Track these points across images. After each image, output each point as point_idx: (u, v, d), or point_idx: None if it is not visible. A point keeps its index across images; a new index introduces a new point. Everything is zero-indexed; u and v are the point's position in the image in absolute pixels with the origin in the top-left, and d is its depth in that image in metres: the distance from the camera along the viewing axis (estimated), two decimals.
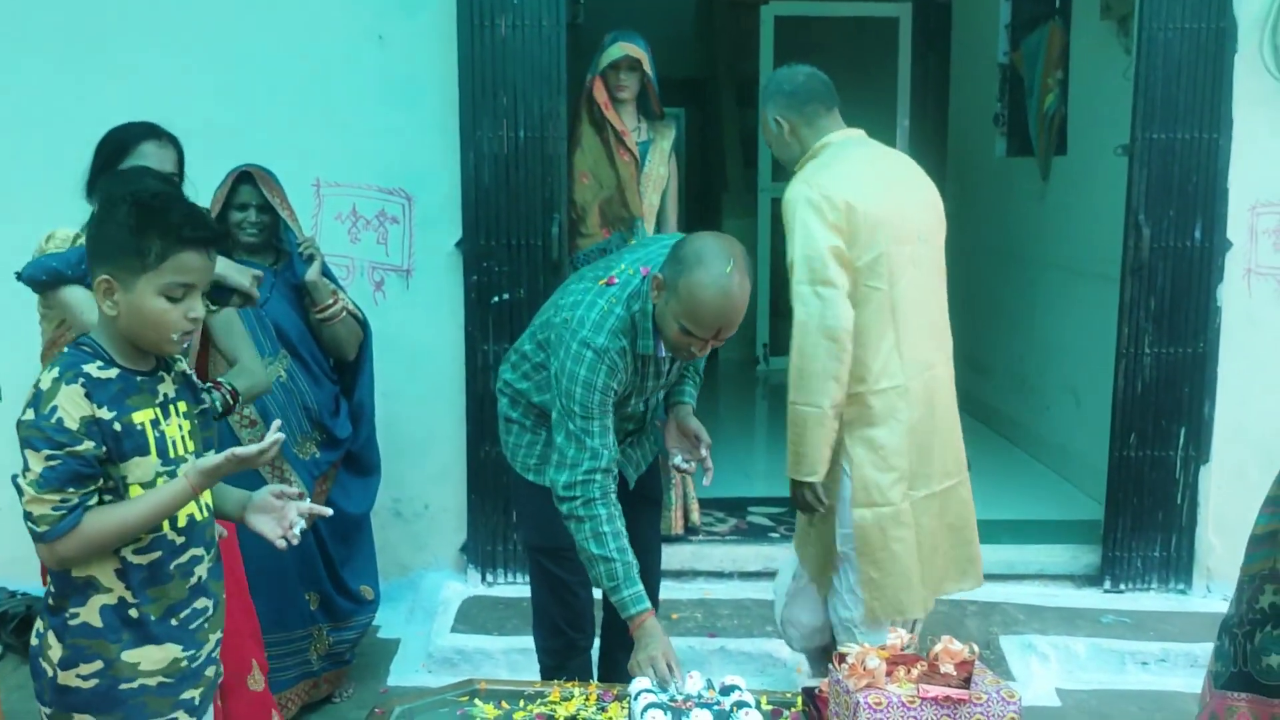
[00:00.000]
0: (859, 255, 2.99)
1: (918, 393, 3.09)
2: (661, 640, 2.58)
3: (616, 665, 3.06)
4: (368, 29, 4.24)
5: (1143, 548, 4.39)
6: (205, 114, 4.20)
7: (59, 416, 1.96)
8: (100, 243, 2.05)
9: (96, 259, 2.04)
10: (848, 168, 3.09)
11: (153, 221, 2.01)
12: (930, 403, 3.13)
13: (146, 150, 2.97)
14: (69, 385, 1.98)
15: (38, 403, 1.98)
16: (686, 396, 3.08)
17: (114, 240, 2.01)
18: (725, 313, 2.58)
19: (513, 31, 4.13)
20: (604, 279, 2.76)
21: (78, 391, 1.98)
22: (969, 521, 3.29)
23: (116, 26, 4.23)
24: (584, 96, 4.36)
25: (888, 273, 3.01)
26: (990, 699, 2.20)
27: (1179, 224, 4.22)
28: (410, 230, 4.32)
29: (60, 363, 2.01)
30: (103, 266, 2.02)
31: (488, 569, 4.38)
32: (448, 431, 4.34)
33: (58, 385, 1.98)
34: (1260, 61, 4.19)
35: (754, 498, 5.15)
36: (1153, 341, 4.28)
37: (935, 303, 3.20)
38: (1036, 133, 6.02)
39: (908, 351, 3.07)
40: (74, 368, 2.01)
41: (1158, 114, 4.18)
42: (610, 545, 2.67)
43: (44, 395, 1.98)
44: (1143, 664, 3.99)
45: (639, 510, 3.05)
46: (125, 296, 2.01)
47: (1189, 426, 4.32)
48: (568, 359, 2.68)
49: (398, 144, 4.26)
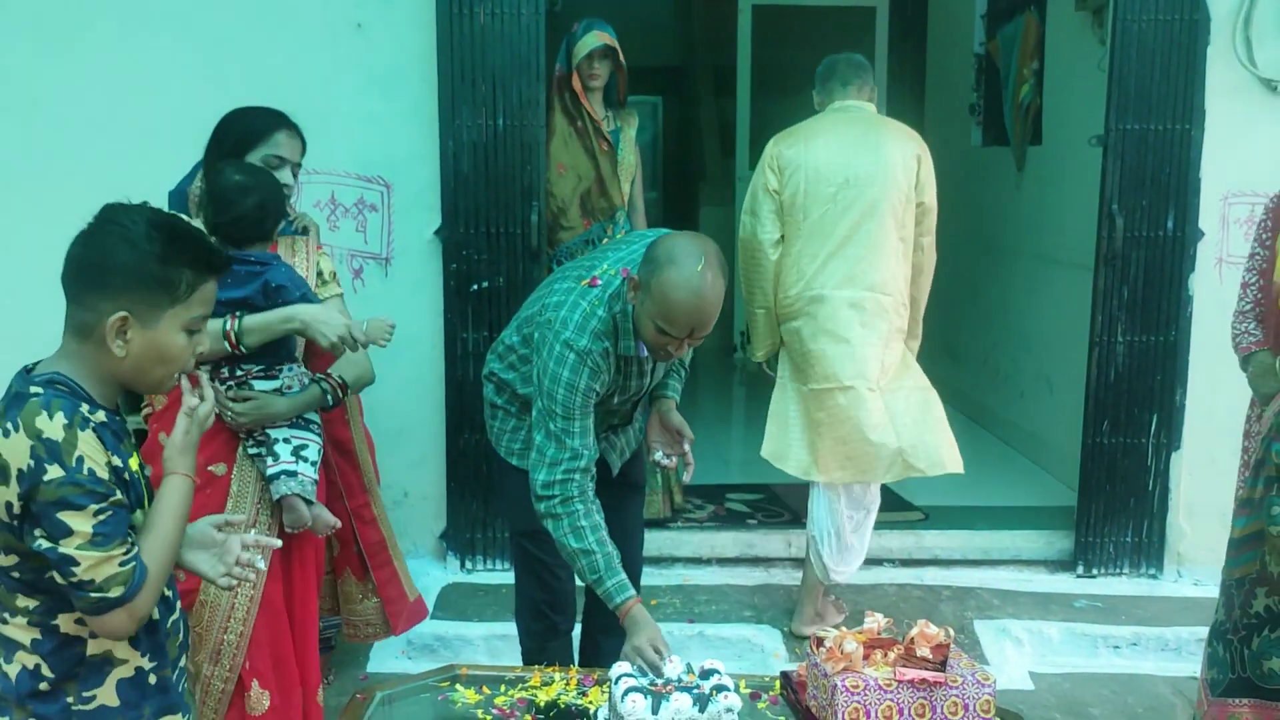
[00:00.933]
0: (783, 191, 3.80)
1: (817, 305, 3.77)
2: (650, 626, 2.61)
3: (598, 649, 3.09)
4: (347, 16, 4.22)
5: (1115, 533, 4.45)
6: (181, 101, 4.19)
7: (89, 467, 1.72)
8: (112, 274, 1.78)
9: (106, 291, 1.78)
10: (807, 125, 3.92)
11: (182, 248, 1.82)
12: (830, 317, 3.76)
13: (281, 139, 2.90)
14: (83, 431, 1.73)
15: (59, 456, 1.70)
16: (670, 391, 3.09)
17: (134, 270, 1.78)
18: (697, 312, 2.57)
19: (492, 19, 4.13)
20: (587, 279, 2.77)
21: (93, 438, 1.74)
22: (854, 429, 3.78)
23: (91, 13, 4.20)
24: (555, 85, 4.35)
25: (803, 206, 3.76)
26: (966, 681, 2.24)
27: (1152, 214, 4.27)
28: (389, 218, 4.31)
29: (58, 407, 1.73)
30: (117, 300, 1.77)
31: (467, 556, 4.40)
32: (427, 419, 4.35)
33: (73, 433, 1.72)
34: (1233, 53, 4.23)
35: (732, 484, 5.19)
36: (1125, 330, 4.32)
37: (859, 238, 3.76)
38: (1012, 123, 6.06)
39: (816, 269, 3.76)
40: (76, 411, 1.75)
41: (1132, 105, 4.22)
42: (589, 539, 2.69)
43: (62, 446, 1.71)
44: (1114, 648, 4.04)
45: (622, 496, 3.07)
46: (143, 333, 1.79)
47: (1160, 414, 4.38)
48: (550, 360, 2.70)
49: (376, 132, 4.26)
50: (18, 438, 1.71)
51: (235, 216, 2.71)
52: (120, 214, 1.84)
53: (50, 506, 1.70)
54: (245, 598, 2.71)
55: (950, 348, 7.09)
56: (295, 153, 2.93)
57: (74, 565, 1.71)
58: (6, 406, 1.76)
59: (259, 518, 2.76)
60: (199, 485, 2.63)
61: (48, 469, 1.70)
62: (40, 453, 1.70)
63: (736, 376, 7.85)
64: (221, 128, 2.93)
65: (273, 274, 2.71)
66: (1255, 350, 3.25)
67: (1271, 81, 4.25)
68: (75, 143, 4.22)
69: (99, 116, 4.22)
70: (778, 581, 4.38)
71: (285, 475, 2.74)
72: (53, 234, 3.75)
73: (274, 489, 2.75)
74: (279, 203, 2.80)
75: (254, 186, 2.72)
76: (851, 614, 4.02)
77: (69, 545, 1.71)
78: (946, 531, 4.66)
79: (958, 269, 6.93)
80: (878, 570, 4.46)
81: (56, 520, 1.71)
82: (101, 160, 4.22)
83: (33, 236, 4.22)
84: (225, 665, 2.70)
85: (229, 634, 2.70)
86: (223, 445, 2.74)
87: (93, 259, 1.80)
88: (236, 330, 2.66)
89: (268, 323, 2.69)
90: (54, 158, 4.23)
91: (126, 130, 4.21)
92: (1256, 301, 3.28)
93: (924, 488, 5.16)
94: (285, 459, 2.76)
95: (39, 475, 1.70)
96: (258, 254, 2.73)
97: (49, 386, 1.77)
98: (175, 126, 4.17)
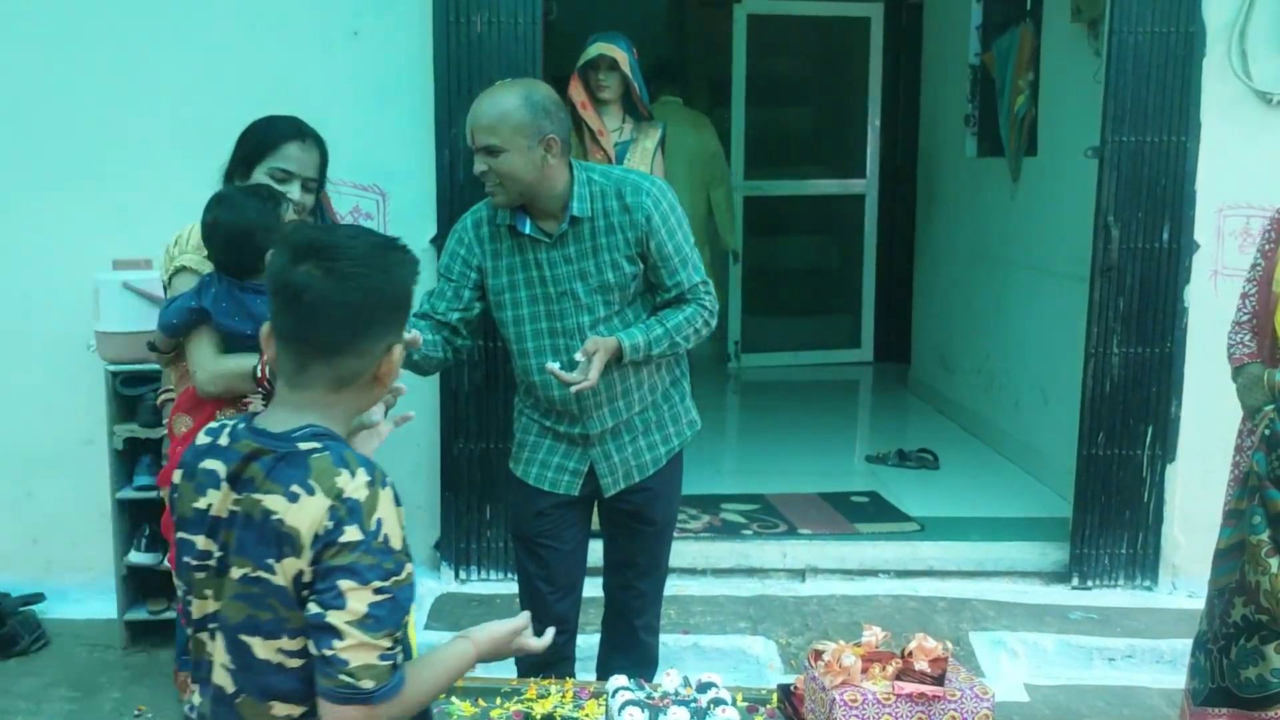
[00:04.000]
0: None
1: None
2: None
3: (609, 669, 2.99)
4: (343, 24, 4.22)
5: (1110, 545, 4.45)
6: (176, 109, 4.18)
7: (385, 533, 1.57)
8: (378, 310, 1.65)
9: (373, 330, 1.65)
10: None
11: (403, 257, 1.70)
12: None
13: (290, 152, 2.80)
14: (383, 489, 1.59)
15: (359, 518, 1.55)
16: (624, 336, 2.81)
17: (390, 297, 1.66)
18: (475, 111, 2.72)
19: (488, 28, 4.13)
20: None
21: (391, 497, 1.59)
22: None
23: (86, 20, 4.19)
24: (564, 95, 4.37)
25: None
26: (964, 695, 2.23)
27: (1147, 225, 4.27)
28: (385, 226, 4.29)
29: (357, 462, 1.59)
30: (385, 336, 1.66)
31: (461, 566, 4.38)
32: (421, 428, 4.32)
33: (375, 491, 1.57)
34: (1229, 66, 4.24)
35: (727, 494, 5.18)
36: (1121, 341, 4.32)
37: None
38: (1007, 134, 6.06)
39: None
40: (375, 467, 1.59)
41: (1127, 117, 4.22)
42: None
43: (363, 507, 1.56)
44: (1110, 660, 4.04)
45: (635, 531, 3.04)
46: (389, 361, 1.70)
47: (1156, 425, 4.38)
48: None
49: (372, 140, 4.24)
50: (313, 501, 1.56)
51: (215, 257, 2.67)
52: (335, 250, 1.62)
53: (334, 572, 1.55)
54: None
55: (945, 358, 7.09)
56: (308, 166, 2.83)
57: (334, 638, 1.54)
58: (276, 470, 1.59)
59: None
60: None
61: (345, 530, 1.55)
62: (341, 514, 1.55)
63: (731, 386, 7.85)
64: (241, 136, 2.87)
65: None
66: (1247, 362, 3.26)
67: (1267, 94, 4.26)
68: (70, 150, 4.21)
69: (95, 123, 4.20)
70: (773, 593, 4.36)
71: None
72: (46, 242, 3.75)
73: None
74: (250, 233, 2.61)
75: (222, 223, 2.63)
76: (848, 626, 4.01)
77: (340, 618, 1.54)
78: (941, 543, 4.65)
79: (953, 279, 6.96)
80: (872, 581, 4.46)
81: (335, 588, 1.54)
82: (97, 167, 4.21)
83: (27, 244, 4.22)
84: None
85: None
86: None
87: (357, 301, 1.62)
88: (271, 375, 2.56)
89: None
90: (48, 165, 4.21)
91: (123, 137, 4.20)
92: (1254, 313, 3.28)
93: (919, 499, 5.17)
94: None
95: (334, 536, 1.55)
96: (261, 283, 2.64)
97: (328, 440, 1.62)
98: (172, 133, 4.18)
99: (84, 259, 4.06)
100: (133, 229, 4.07)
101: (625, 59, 4.32)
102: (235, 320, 2.63)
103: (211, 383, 2.66)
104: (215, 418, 2.64)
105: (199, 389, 2.69)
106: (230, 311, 2.63)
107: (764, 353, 8.07)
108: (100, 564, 4.23)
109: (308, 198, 2.84)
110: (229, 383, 2.66)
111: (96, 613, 4.26)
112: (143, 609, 4.14)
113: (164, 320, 2.70)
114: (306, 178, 2.82)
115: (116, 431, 4.01)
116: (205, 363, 2.65)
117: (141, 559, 4.05)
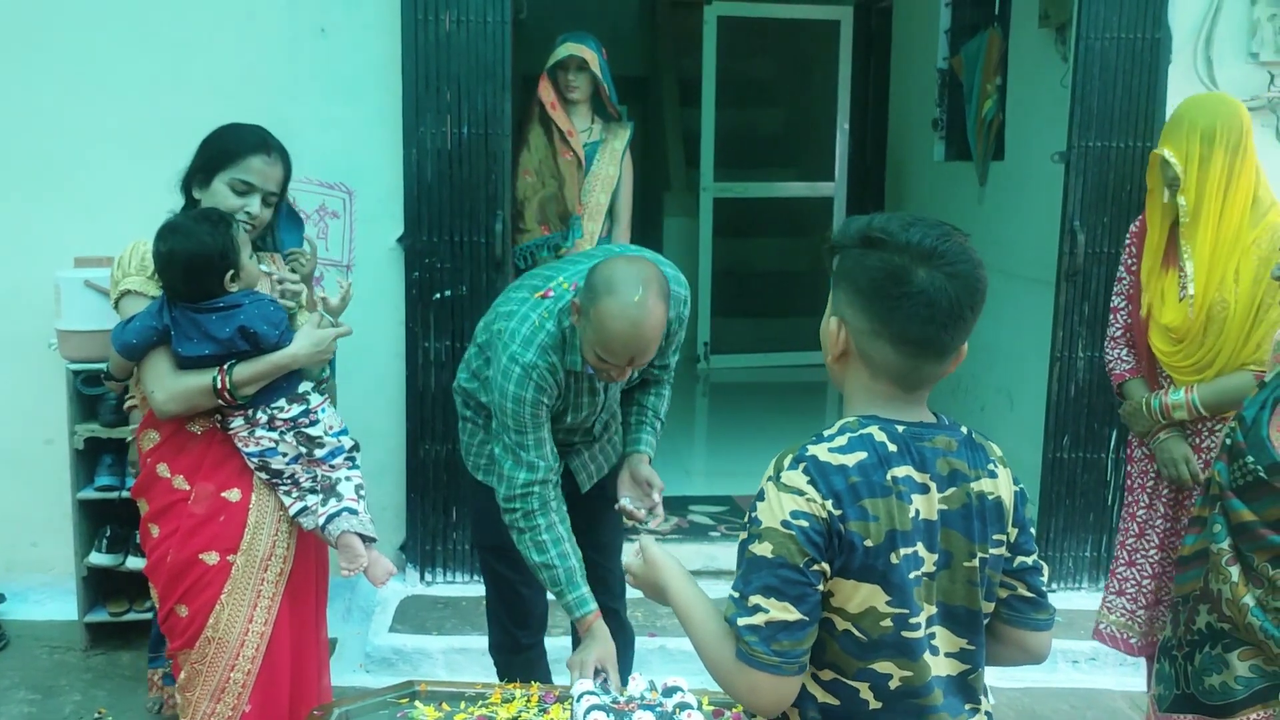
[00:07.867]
0: None
1: None
2: (605, 643, 2.58)
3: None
4: (311, 21, 4.19)
5: (1074, 547, 4.47)
6: (141, 106, 4.14)
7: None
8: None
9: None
10: None
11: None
12: None
13: (254, 165, 2.66)
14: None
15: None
16: (643, 445, 3.02)
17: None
18: (634, 342, 2.52)
19: (457, 27, 4.11)
20: (541, 290, 2.73)
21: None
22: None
23: (49, 16, 4.14)
24: (535, 95, 4.38)
25: None
26: None
27: (1113, 230, 4.29)
28: (351, 225, 4.27)
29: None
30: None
31: (426, 568, 4.35)
32: (387, 429, 4.30)
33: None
34: (1194, 72, 4.27)
35: (695, 496, 5.17)
36: (1086, 345, 4.35)
37: None
38: (975, 138, 6.09)
39: None
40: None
41: (1094, 122, 4.25)
42: (551, 552, 2.67)
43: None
44: (1074, 662, 4.06)
45: (597, 510, 3.04)
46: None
47: (1120, 429, 4.40)
48: (498, 373, 2.67)
49: (339, 138, 4.22)
50: (1005, 473, 1.83)
51: (173, 286, 2.58)
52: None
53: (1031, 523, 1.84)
54: (256, 635, 2.62)
55: None
56: (270, 180, 2.70)
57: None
58: (972, 453, 1.82)
59: (275, 550, 2.67)
60: (212, 513, 2.60)
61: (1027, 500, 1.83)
62: (1020, 484, 1.84)
63: (699, 387, 7.85)
64: (204, 143, 2.74)
65: (246, 317, 2.57)
66: (1128, 379, 3.31)
67: None
68: (32, 147, 4.16)
69: (57, 120, 4.15)
70: None
71: (347, 513, 2.68)
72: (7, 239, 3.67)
73: (334, 526, 2.68)
74: (209, 259, 2.55)
75: (179, 253, 2.53)
76: None
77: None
78: None
79: None
80: None
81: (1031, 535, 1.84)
82: (59, 164, 4.16)
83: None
84: (228, 704, 2.60)
85: (236, 671, 2.61)
86: (235, 471, 2.65)
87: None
88: (230, 385, 2.55)
89: (260, 373, 2.59)
90: (8, 162, 4.16)
91: (88, 135, 4.15)
92: (1126, 327, 3.32)
93: None
94: (349, 497, 2.70)
95: (1022, 500, 1.83)
96: (225, 297, 2.59)
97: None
98: (136, 130, 4.14)
99: (45, 257, 4.02)
100: (95, 226, 4.02)
101: (595, 59, 4.32)
102: (193, 343, 2.56)
103: (172, 401, 2.57)
104: (183, 430, 2.63)
105: (157, 409, 2.59)
106: (188, 334, 2.57)
107: (733, 354, 8.08)
108: (60, 565, 4.19)
109: (266, 212, 2.71)
110: (190, 399, 2.58)
111: (56, 614, 4.22)
112: (103, 611, 4.09)
113: (122, 341, 2.58)
114: (268, 191, 2.70)
115: (77, 431, 3.96)
116: (164, 382, 2.56)
117: (102, 560, 4.00)
